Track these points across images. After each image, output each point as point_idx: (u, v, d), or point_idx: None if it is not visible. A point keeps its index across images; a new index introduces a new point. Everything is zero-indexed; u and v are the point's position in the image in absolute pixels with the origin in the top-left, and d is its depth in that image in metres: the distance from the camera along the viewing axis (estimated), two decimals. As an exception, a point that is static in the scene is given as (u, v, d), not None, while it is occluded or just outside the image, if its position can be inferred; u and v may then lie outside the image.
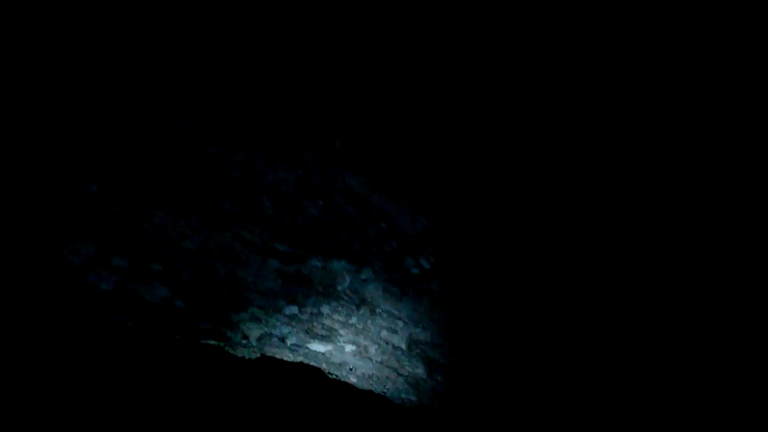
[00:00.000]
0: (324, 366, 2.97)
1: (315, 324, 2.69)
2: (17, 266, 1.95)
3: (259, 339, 2.57)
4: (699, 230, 3.94)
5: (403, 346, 3.05)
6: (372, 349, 2.94)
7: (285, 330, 2.60)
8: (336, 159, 2.79)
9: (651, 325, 3.88)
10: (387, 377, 3.11)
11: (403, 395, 3.24)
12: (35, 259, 1.97)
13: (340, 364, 2.95)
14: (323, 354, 2.84)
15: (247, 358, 2.82)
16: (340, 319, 2.76)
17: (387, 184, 3.04)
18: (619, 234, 3.93)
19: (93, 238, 2.04)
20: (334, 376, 3.14)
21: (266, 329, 2.55)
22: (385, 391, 3.26)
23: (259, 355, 2.81)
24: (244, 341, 2.59)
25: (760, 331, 3.73)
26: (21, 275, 1.97)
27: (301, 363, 2.98)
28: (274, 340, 2.63)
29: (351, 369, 3.01)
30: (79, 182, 1.99)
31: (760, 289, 3.78)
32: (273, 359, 2.85)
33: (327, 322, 2.73)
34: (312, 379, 3.10)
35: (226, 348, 2.73)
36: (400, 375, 3.15)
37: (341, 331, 2.79)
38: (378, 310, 2.90)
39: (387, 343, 2.98)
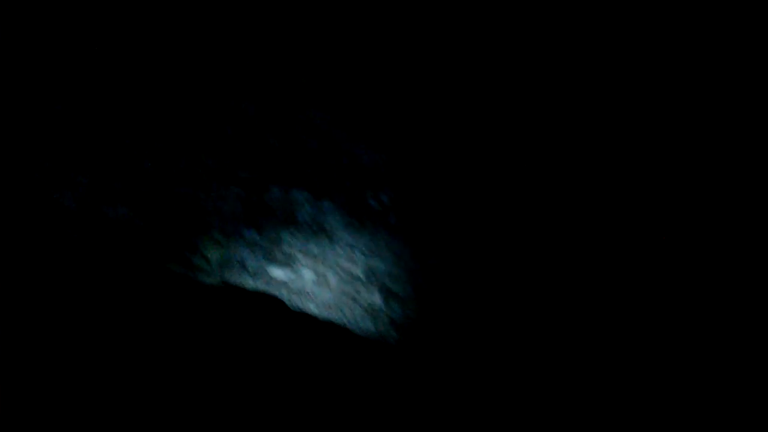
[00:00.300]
0: (284, 293, 3.11)
1: (275, 250, 2.80)
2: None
3: (220, 263, 2.67)
4: (699, 230, 3.96)
5: (362, 276, 3.20)
6: (331, 278, 3.09)
7: (245, 254, 2.70)
8: (300, 94, 2.84)
9: (643, 316, 3.95)
10: (345, 305, 3.27)
11: (360, 324, 3.42)
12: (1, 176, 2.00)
13: (299, 292, 3.09)
14: (283, 281, 2.96)
15: (208, 284, 2.92)
16: (300, 246, 2.87)
17: (349, 121, 3.11)
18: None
19: (58, 155, 2.07)
20: (295, 306, 3.28)
21: (227, 253, 2.64)
22: (344, 321, 3.43)
23: (221, 282, 2.92)
24: (206, 265, 2.68)
25: (760, 331, 3.77)
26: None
27: (262, 293, 3.10)
28: (235, 264, 2.73)
29: (311, 297, 3.15)
30: (47, 101, 2.00)
31: (760, 289, 3.81)
32: (234, 288, 2.97)
33: (287, 248, 2.84)
34: (273, 309, 3.24)
35: (189, 273, 2.83)
36: (358, 304, 3.31)
37: (301, 259, 2.92)
38: (337, 240, 3.03)
39: (345, 272, 3.12)
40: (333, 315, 3.34)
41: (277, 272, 2.88)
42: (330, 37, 2.98)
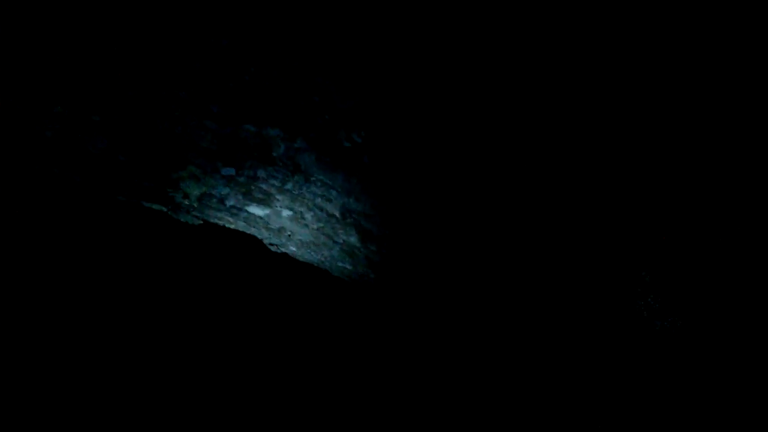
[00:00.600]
0: (264, 233, 3.22)
1: (252, 187, 2.90)
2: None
3: (200, 198, 2.77)
4: (699, 230, 3.97)
5: (338, 215, 3.33)
6: (308, 216, 3.21)
7: (224, 191, 2.80)
8: (268, 31, 2.90)
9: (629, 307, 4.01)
10: (324, 244, 3.41)
11: (339, 263, 3.57)
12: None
13: (278, 230, 3.21)
14: (261, 218, 3.08)
15: (190, 223, 3.02)
16: (276, 184, 2.98)
17: (322, 60, 3.19)
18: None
19: (34, 85, 2.13)
20: (275, 247, 3.40)
21: (206, 189, 2.74)
22: (323, 260, 3.56)
23: (201, 222, 3.02)
24: (186, 201, 2.78)
25: (760, 331, 3.79)
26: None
27: (242, 233, 3.21)
28: (214, 201, 2.83)
29: (289, 235, 3.28)
30: (23, 31, 2.04)
31: (759, 289, 3.82)
32: (214, 226, 3.07)
33: (263, 186, 2.95)
34: (253, 248, 3.35)
35: (170, 213, 2.92)
36: (335, 243, 3.45)
37: (278, 196, 3.03)
38: (312, 179, 3.14)
39: (322, 210, 3.24)
40: (312, 254, 3.47)
41: (256, 209, 2.99)
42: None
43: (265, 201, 2.99)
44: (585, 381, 4.02)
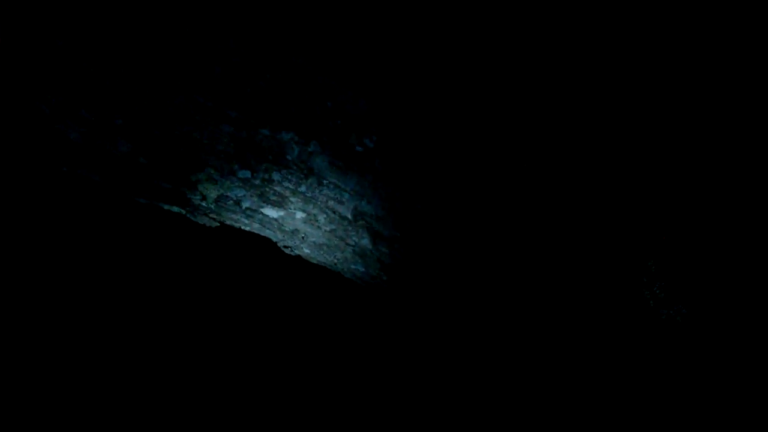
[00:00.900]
0: (278, 235, 3.31)
1: (267, 190, 2.99)
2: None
3: (216, 200, 2.86)
4: (699, 231, 3.98)
5: (350, 217, 3.41)
6: (321, 218, 3.29)
7: (240, 193, 2.89)
8: (284, 38, 3.00)
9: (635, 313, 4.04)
10: (336, 246, 3.48)
11: (351, 265, 3.64)
12: (13, 111, 2.16)
13: (292, 232, 3.29)
14: (276, 220, 3.16)
15: (207, 225, 3.11)
16: (290, 186, 3.07)
17: (333, 65, 3.28)
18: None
19: (62, 90, 2.24)
20: (289, 249, 3.48)
21: (222, 191, 2.83)
22: (336, 262, 3.64)
23: (218, 224, 3.11)
24: (203, 203, 2.87)
25: (760, 331, 3.80)
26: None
27: (257, 235, 3.30)
28: (230, 203, 2.92)
29: (303, 237, 3.36)
30: (50, 37, 2.17)
31: (760, 289, 3.82)
32: (230, 228, 3.16)
33: (278, 188, 3.04)
34: (267, 251, 3.44)
35: (188, 215, 3.02)
36: (348, 245, 3.53)
37: (292, 199, 3.11)
38: (325, 182, 3.22)
39: (334, 213, 3.32)
40: (325, 256, 3.55)
41: (271, 211, 3.07)
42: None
43: (279, 203, 3.07)
44: (592, 373, 4.03)
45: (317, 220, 3.28)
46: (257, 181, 2.92)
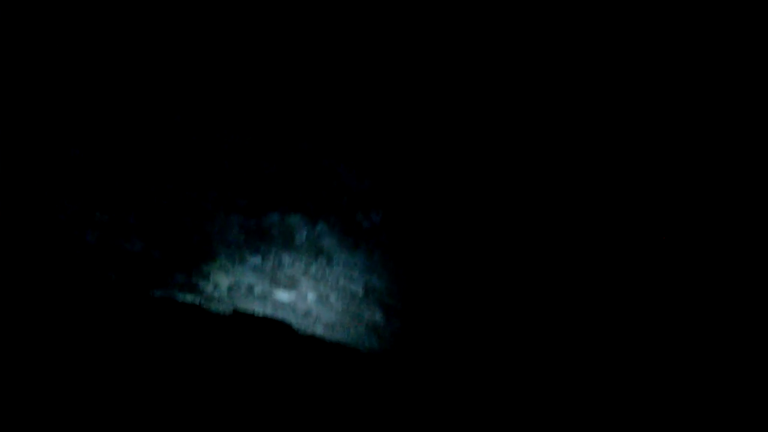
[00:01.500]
0: (291, 317, 3.28)
1: (278, 273, 3.01)
2: (17, 225, 2.19)
3: (229, 289, 2.87)
4: (699, 231, 3.99)
5: (361, 293, 3.40)
6: (332, 297, 3.28)
7: (251, 279, 2.90)
8: (288, 126, 3.14)
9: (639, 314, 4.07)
10: (350, 324, 3.45)
11: (366, 342, 3.58)
12: (31, 218, 2.22)
13: (305, 314, 3.27)
14: (288, 303, 3.15)
15: (221, 313, 3.10)
16: (301, 267, 3.08)
17: (335, 147, 3.40)
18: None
19: (78, 196, 2.31)
20: (302, 329, 3.45)
21: (234, 279, 2.85)
22: (349, 339, 3.59)
23: (231, 310, 3.10)
24: (216, 292, 2.88)
25: (760, 331, 3.78)
26: (19, 232, 2.21)
27: (271, 319, 3.28)
28: (242, 289, 2.93)
29: (316, 317, 3.33)
30: (65, 147, 2.27)
31: (760, 289, 3.81)
32: (244, 315, 3.15)
33: (289, 271, 3.05)
34: (282, 333, 3.40)
35: (202, 304, 3.01)
36: (361, 322, 3.49)
37: (303, 280, 3.12)
38: (335, 260, 3.24)
39: (345, 290, 3.32)
40: (339, 335, 3.50)
41: (283, 295, 3.07)
42: (314, 68, 3.30)
43: (291, 286, 3.08)
44: (590, 376, 3.87)
45: (329, 300, 3.27)
46: (268, 267, 2.94)
